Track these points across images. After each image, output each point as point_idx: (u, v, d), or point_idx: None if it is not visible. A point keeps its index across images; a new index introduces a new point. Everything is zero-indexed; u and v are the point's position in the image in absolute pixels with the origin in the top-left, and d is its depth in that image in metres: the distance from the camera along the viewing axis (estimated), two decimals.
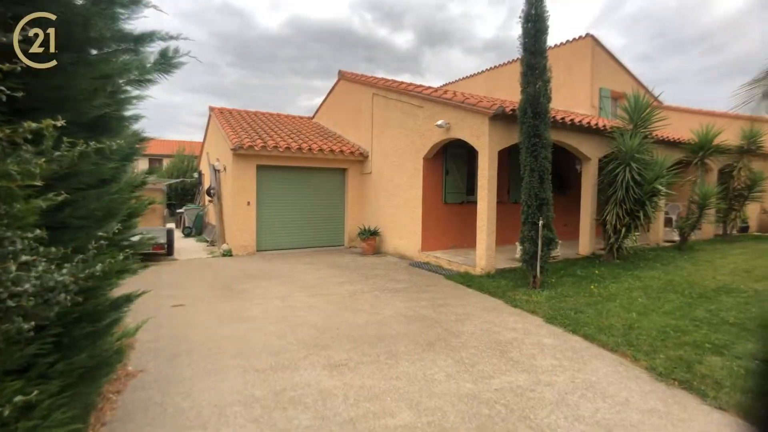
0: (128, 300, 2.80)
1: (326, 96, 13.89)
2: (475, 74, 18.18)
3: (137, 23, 2.53)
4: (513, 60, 15.73)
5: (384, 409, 3.01)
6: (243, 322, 4.92)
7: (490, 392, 3.27)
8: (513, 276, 6.96)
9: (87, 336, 2.10)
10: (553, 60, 6.85)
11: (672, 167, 8.73)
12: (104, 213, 2.33)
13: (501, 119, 7.14)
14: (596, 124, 8.61)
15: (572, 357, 3.95)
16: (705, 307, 5.29)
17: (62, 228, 1.94)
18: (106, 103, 2.26)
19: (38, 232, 1.44)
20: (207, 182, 13.50)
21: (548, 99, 6.22)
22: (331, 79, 13.66)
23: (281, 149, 9.94)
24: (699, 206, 9.91)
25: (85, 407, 2.47)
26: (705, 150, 10.33)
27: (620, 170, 7.92)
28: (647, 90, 12.82)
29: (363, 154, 11.14)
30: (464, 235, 9.51)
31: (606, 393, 3.27)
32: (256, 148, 9.63)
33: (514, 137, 6.98)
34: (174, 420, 2.87)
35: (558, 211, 6.71)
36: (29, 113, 1.62)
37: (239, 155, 9.65)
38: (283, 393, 3.24)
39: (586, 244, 8.88)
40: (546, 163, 6.15)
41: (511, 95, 9.66)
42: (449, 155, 9.40)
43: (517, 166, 6.53)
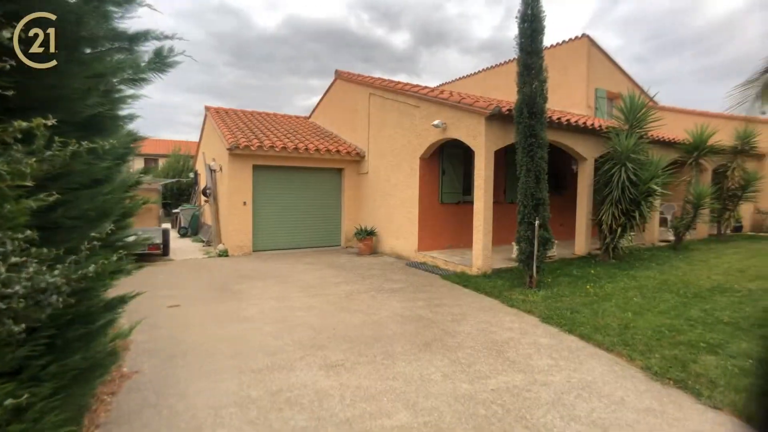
0: (122, 301, 2.78)
1: (323, 96, 13.86)
2: (472, 74, 18.22)
3: (132, 22, 2.51)
4: (509, 60, 15.77)
5: (380, 410, 3.00)
6: (239, 323, 4.90)
7: (487, 392, 3.27)
8: (509, 276, 6.98)
9: (80, 338, 2.08)
10: (550, 60, 6.87)
11: (667, 167, 8.77)
12: (98, 213, 2.31)
13: (497, 119, 7.15)
14: (592, 125, 8.64)
15: (568, 357, 3.95)
16: (700, 307, 5.32)
17: (55, 229, 1.92)
18: (100, 103, 2.24)
19: (29, 233, 1.43)
20: (203, 182, 13.44)
21: (544, 99, 6.23)
22: (328, 79, 13.64)
23: (277, 149, 9.91)
24: (694, 206, 9.98)
25: (79, 409, 2.45)
26: (699, 150, 10.40)
27: (616, 170, 7.95)
28: (642, 90, 12.88)
29: (359, 154, 11.13)
30: (461, 235, 9.52)
31: (602, 392, 3.28)
32: (252, 148, 9.60)
33: (511, 137, 6.99)
34: (169, 422, 2.85)
35: (554, 211, 6.73)
36: (20, 112, 1.60)
37: (235, 155, 9.61)
38: (280, 394, 3.23)
39: (582, 244, 8.92)
40: (542, 163, 6.17)
41: (508, 95, 9.69)
42: (446, 155, 9.40)
43: (514, 166, 6.54)
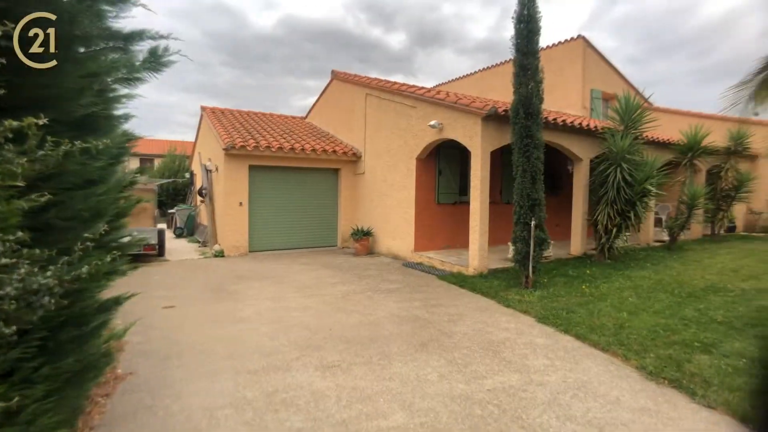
0: (117, 302, 2.75)
1: (319, 96, 13.83)
2: (468, 75, 18.25)
3: (128, 22, 2.49)
4: (505, 61, 15.81)
5: (377, 410, 3.00)
6: (235, 324, 4.88)
7: (483, 392, 3.27)
8: (505, 276, 6.99)
9: (73, 339, 2.06)
10: (546, 61, 6.89)
11: (662, 168, 8.83)
12: (92, 214, 2.29)
13: (493, 120, 7.16)
14: (588, 125, 8.68)
15: (564, 357, 3.97)
16: (694, 306, 5.35)
17: (47, 229, 1.90)
18: (94, 102, 2.22)
19: (21, 235, 1.41)
20: (199, 182, 13.38)
21: (540, 100, 6.25)
22: (324, 79, 13.63)
23: (274, 149, 9.88)
24: (688, 206, 10.05)
25: (73, 411, 2.43)
26: (694, 151, 10.47)
27: (611, 171, 7.99)
28: (637, 91, 12.96)
29: (356, 155, 11.12)
30: (457, 236, 9.53)
31: (597, 392, 3.29)
32: (249, 148, 9.56)
33: (507, 138, 7.01)
34: (163, 423, 2.83)
35: (550, 212, 6.75)
36: (12, 111, 1.58)
37: (231, 155, 9.57)
38: (275, 395, 3.22)
39: (578, 245, 8.95)
40: (538, 164, 6.18)
41: (504, 96, 9.71)
42: (442, 156, 9.41)
43: (510, 167, 6.56)
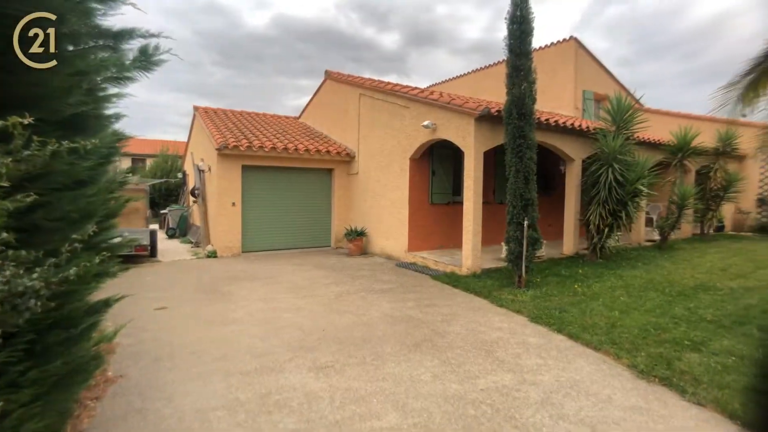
0: (106, 304, 2.72)
1: (313, 96, 13.79)
2: (462, 75, 18.31)
3: (118, 20, 2.46)
4: (499, 62, 15.89)
5: (370, 411, 2.99)
6: (227, 325, 4.84)
7: (476, 392, 3.28)
8: (498, 276, 7.02)
9: (61, 342, 2.03)
10: (538, 62, 6.93)
11: (653, 168, 8.93)
12: (81, 215, 2.25)
13: (487, 120, 7.19)
14: (580, 126, 8.75)
15: (557, 356, 3.99)
16: (684, 305, 5.42)
17: (35, 231, 1.87)
18: (83, 101, 2.19)
19: (5, 236, 1.38)
20: (191, 183, 13.27)
21: (533, 100, 6.28)
22: (318, 79, 13.59)
23: (267, 149, 9.83)
24: (678, 206, 10.17)
25: (61, 415, 2.39)
26: (683, 152, 10.60)
27: (603, 171, 8.06)
28: (629, 92, 13.09)
29: (349, 155, 11.10)
30: (450, 236, 9.55)
31: (589, 391, 3.31)
32: (242, 148, 9.50)
33: (500, 138, 7.04)
34: (155, 427, 2.80)
35: (543, 212, 6.80)
36: None
37: (224, 155, 9.51)
38: (268, 396, 3.20)
39: (570, 244, 9.02)
40: (531, 164, 6.22)
41: (497, 96, 9.75)
42: (435, 156, 9.43)
43: (503, 167, 6.59)
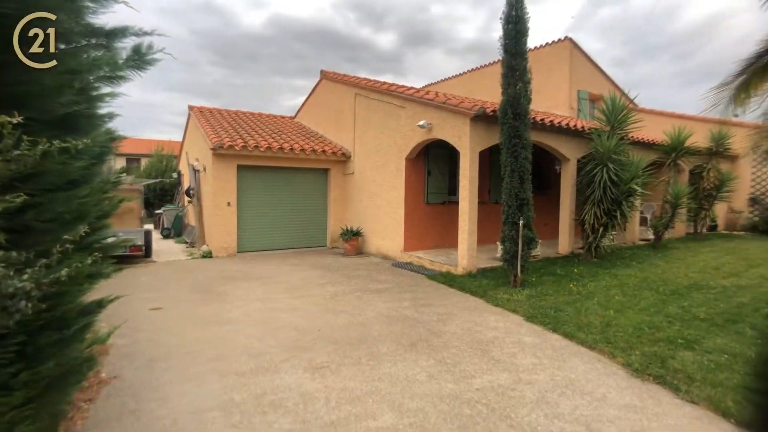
0: (100, 305, 2.69)
1: (308, 95, 13.76)
2: (457, 75, 18.34)
3: (111, 18, 2.44)
4: (494, 62, 15.93)
5: (366, 411, 2.99)
6: (222, 325, 4.82)
7: (472, 392, 3.28)
8: (494, 275, 7.04)
9: (54, 344, 2.01)
10: (534, 62, 6.95)
11: (647, 168, 8.98)
12: (73, 216, 2.23)
13: (482, 120, 7.21)
14: (575, 126, 8.79)
15: (552, 355, 4.01)
16: (677, 304, 5.46)
17: (26, 231, 1.85)
18: (75, 101, 2.17)
19: None
20: (186, 182, 13.20)
21: (528, 100, 6.30)
22: (314, 79, 13.56)
23: (262, 149, 9.80)
24: (672, 206, 10.25)
25: (54, 417, 2.37)
26: (677, 151, 10.68)
27: (598, 170, 8.10)
28: (623, 93, 13.19)
29: (345, 155, 11.08)
30: (446, 235, 9.56)
31: (584, 390, 3.33)
32: (237, 148, 9.46)
33: (495, 138, 7.05)
34: (149, 428, 2.78)
35: (538, 211, 6.82)
36: None
37: (219, 155, 9.46)
38: (264, 397, 3.19)
39: (566, 243, 9.06)
40: (526, 164, 6.23)
41: (493, 96, 9.76)
42: (431, 156, 9.44)
43: (499, 167, 6.60)
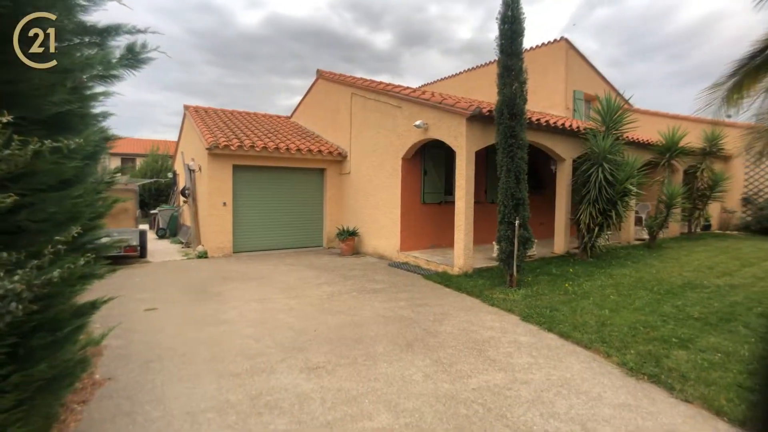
0: (93, 306, 2.67)
1: (304, 95, 13.74)
2: (453, 75, 18.35)
3: (105, 16, 2.42)
4: (490, 62, 15.96)
5: (362, 412, 2.98)
6: (218, 326, 4.80)
7: (468, 392, 3.29)
8: (490, 275, 7.05)
9: (46, 345, 1.99)
10: (529, 62, 6.96)
11: (642, 168, 9.04)
12: (66, 216, 2.21)
13: (478, 120, 7.22)
14: (570, 126, 8.82)
15: (548, 355, 4.02)
16: (672, 303, 5.49)
17: (18, 232, 1.83)
18: (68, 100, 2.14)
19: None
20: (182, 182, 13.13)
21: (524, 100, 6.31)
22: (310, 79, 13.54)
23: (258, 149, 9.76)
24: (666, 206, 10.31)
25: (46, 420, 2.34)
26: (671, 151, 10.74)
27: (593, 170, 8.14)
28: (618, 93, 13.23)
29: (341, 154, 11.07)
30: (442, 235, 9.58)
31: (580, 389, 3.34)
32: (232, 148, 9.42)
33: (491, 138, 7.07)
34: (143, 429, 2.76)
35: (534, 211, 6.84)
36: None
37: (215, 155, 9.42)
38: (259, 398, 3.17)
39: (561, 243, 9.09)
40: (522, 164, 6.25)
41: (489, 96, 9.79)
42: (427, 156, 9.44)
43: (495, 167, 6.62)
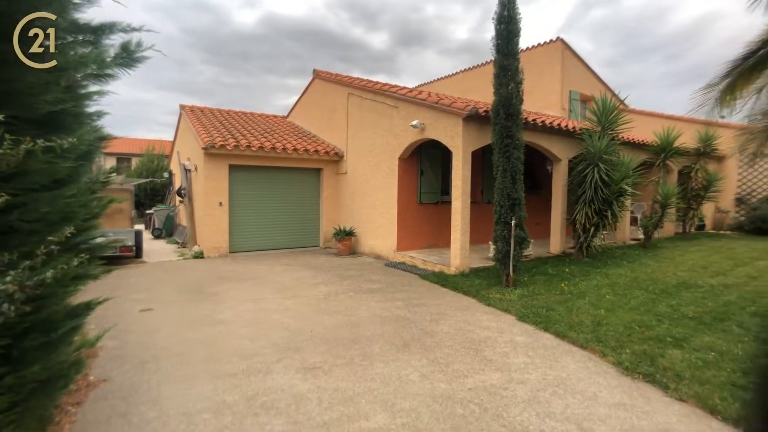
0: (88, 307, 2.65)
1: (301, 95, 13.70)
2: (450, 75, 18.39)
3: (98, 14, 2.40)
4: (487, 62, 16.00)
5: (358, 412, 2.98)
6: (214, 326, 4.78)
7: (464, 392, 3.29)
8: (486, 275, 7.07)
9: (40, 347, 1.97)
10: (526, 62, 6.97)
11: (637, 168, 9.08)
12: (60, 216, 2.19)
13: (475, 120, 7.23)
14: (566, 126, 8.85)
15: (544, 354, 4.03)
16: (667, 302, 5.52)
17: (11, 232, 1.81)
18: (61, 99, 2.13)
19: None
20: (178, 182, 13.07)
21: (520, 101, 6.33)
22: (306, 78, 13.51)
23: (254, 148, 9.73)
24: (661, 206, 10.37)
25: (40, 422, 2.32)
26: (666, 152, 10.81)
27: (589, 171, 8.17)
28: (614, 93, 13.31)
29: (338, 154, 11.05)
30: (439, 235, 9.58)
31: (576, 389, 3.35)
32: (229, 148, 9.39)
33: (488, 138, 7.08)
34: (139, 431, 2.74)
35: (530, 211, 6.85)
36: None
37: (211, 155, 9.38)
38: (255, 398, 3.16)
39: (557, 243, 9.13)
40: (518, 164, 6.26)
41: (485, 97, 9.81)
42: (424, 155, 9.45)
43: (491, 167, 6.63)
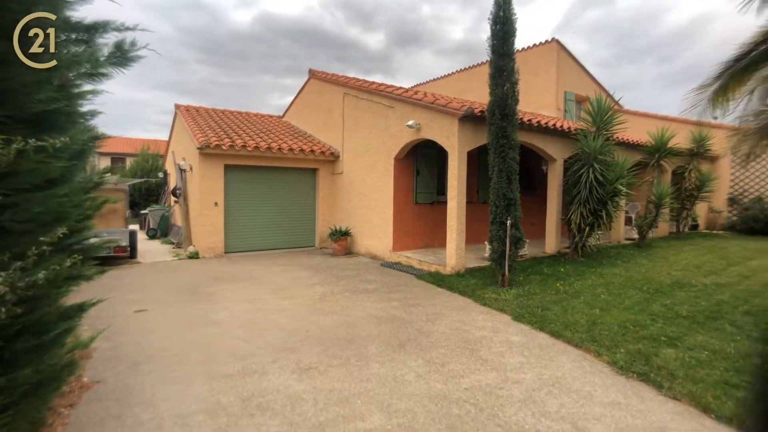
0: (81, 309, 2.63)
1: (297, 95, 13.67)
2: (446, 76, 18.41)
3: (91, 12, 2.38)
4: (482, 62, 16.04)
5: (354, 413, 2.97)
6: (209, 327, 4.75)
7: (460, 391, 3.30)
8: (482, 275, 7.08)
9: (32, 349, 1.95)
10: (521, 63, 6.99)
11: (631, 168, 9.14)
12: (53, 216, 2.17)
13: (470, 120, 7.24)
14: (561, 126, 8.89)
15: (539, 354, 4.05)
16: (661, 302, 5.56)
17: (1, 233, 1.79)
18: (54, 98, 2.11)
19: None
20: (173, 182, 12.99)
21: (516, 101, 6.35)
22: (302, 78, 13.48)
23: (250, 148, 9.69)
24: (655, 206, 10.45)
25: (32, 425, 2.30)
26: (660, 152, 10.89)
27: (584, 171, 8.21)
28: (608, 94, 13.34)
29: (334, 154, 11.04)
30: (435, 235, 9.60)
31: (571, 388, 3.37)
32: (224, 147, 9.34)
33: (483, 138, 7.10)
34: None
35: (525, 211, 6.88)
36: None
37: (206, 154, 9.33)
38: (251, 399, 3.15)
39: (553, 243, 9.17)
40: (514, 164, 6.28)
41: (481, 97, 9.83)
42: (420, 156, 9.46)
43: (487, 167, 6.64)
